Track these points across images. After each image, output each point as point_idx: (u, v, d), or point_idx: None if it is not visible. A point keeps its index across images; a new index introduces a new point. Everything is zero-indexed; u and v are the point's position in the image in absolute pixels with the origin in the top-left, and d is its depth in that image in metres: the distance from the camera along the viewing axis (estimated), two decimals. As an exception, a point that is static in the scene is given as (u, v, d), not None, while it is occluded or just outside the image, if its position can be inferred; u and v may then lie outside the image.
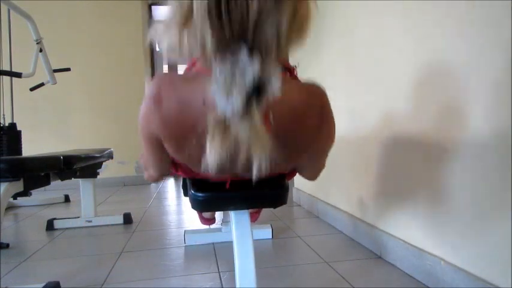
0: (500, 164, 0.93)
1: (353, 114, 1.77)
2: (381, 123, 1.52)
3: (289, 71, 0.96)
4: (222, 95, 0.59)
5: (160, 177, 1.00)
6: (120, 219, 2.25)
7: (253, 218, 1.74)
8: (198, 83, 0.72)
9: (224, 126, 0.61)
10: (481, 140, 0.99)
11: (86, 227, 2.19)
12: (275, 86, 0.59)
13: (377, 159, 1.56)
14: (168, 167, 0.97)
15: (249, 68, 0.58)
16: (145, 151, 0.89)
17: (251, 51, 0.59)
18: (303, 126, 0.80)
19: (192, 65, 0.92)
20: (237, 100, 0.58)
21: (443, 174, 1.14)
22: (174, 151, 0.83)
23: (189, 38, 0.61)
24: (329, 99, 0.81)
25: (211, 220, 1.76)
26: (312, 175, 1.06)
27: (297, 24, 0.63)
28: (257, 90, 0.59)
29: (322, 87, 0.80)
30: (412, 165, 1.31)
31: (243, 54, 0.59)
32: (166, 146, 0.82)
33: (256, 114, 0.60)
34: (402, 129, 1.36)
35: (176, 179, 4.33)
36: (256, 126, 0.61)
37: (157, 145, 0.82)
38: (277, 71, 0.60)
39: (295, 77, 0.98)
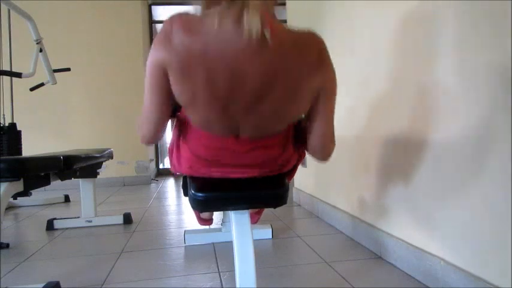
0: (500, 165, 0.93)
1: (353, 114, 1.77)
2: (381, 122, 1.52)
3: None
4: None
5: (155, 136, 0.98)
6: (120, 219, 2.25)
7: (254, 220, 1.74)
8: (212, 15, 0.82)
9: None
10: (482, 140, 0.99)
11: (86, 227, 2.19)
12: None
13: (377, 159, 1.56)
14: (166, 119, 0.97)
15: None
16: (148, 91, 0.91)
17: None
18: (302, 61, 0.86)
19: None
20: None
21: (444, 174, 1.14)
22: (179, 81, 0.86)
23: None
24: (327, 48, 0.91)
25: (209, 221, 1.76)
26: (322, 150, 1.04)
27: None
28: None
29: (321, 37, 0.91)
30: (412, 165, 1.31)
31: None
32: (172, 76, 0.86)
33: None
34: (403, 129, 1.36)
35: (176, 179, 4.34)
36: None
37: (162, 79, 0.87)
38: None
39: None
